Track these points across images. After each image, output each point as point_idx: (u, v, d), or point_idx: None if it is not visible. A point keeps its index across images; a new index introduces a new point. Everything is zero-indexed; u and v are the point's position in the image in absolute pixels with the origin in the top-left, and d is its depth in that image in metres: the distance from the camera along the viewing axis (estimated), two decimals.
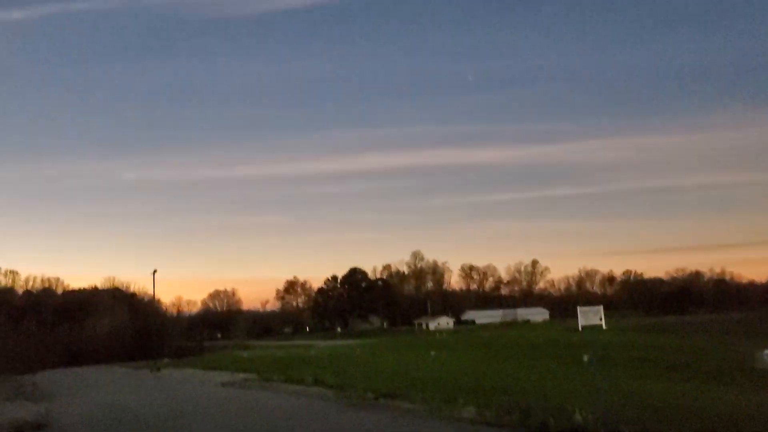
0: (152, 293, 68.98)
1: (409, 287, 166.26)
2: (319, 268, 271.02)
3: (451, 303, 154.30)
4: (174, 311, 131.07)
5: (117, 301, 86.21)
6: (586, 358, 23.98)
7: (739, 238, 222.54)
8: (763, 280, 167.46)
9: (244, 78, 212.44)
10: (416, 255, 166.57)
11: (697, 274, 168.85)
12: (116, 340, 66.46)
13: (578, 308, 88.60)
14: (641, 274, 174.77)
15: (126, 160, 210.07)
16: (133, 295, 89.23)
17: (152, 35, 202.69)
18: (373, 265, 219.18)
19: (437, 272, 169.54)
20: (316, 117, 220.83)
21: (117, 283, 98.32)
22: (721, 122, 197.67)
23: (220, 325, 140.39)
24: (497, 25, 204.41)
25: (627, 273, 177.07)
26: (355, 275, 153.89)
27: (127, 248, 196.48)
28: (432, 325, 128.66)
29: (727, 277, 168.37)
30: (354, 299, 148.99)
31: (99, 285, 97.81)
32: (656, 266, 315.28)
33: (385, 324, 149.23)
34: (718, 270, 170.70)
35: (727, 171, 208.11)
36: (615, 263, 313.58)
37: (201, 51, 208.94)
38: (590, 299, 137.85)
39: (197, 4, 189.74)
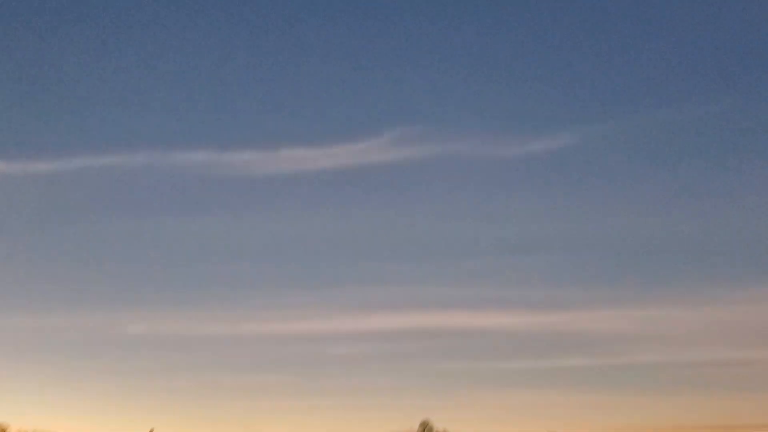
0: None
1: None
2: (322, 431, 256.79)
3: None
4: None
5: None
6: None
7: (756, 417, 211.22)
8: None
9: (255, 234, 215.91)
10: (425, 424, 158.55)
11: None
12: None
13: None
14: None
15: (132, 314, 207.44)
16: None
17: (160, 191, 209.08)
18: (378, 430, 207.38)
19: None
20: (320, 274, 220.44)
21: None
22: (743, 297, 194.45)
23: None
24: (507, 189, 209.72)
25: None
26: None
27: (125, 405, 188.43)
28: None
29: None
30: None
31: None
32: None
33: None
34: None
35: (745, 348, 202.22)
36: None
37: (207, 207, 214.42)
38: None
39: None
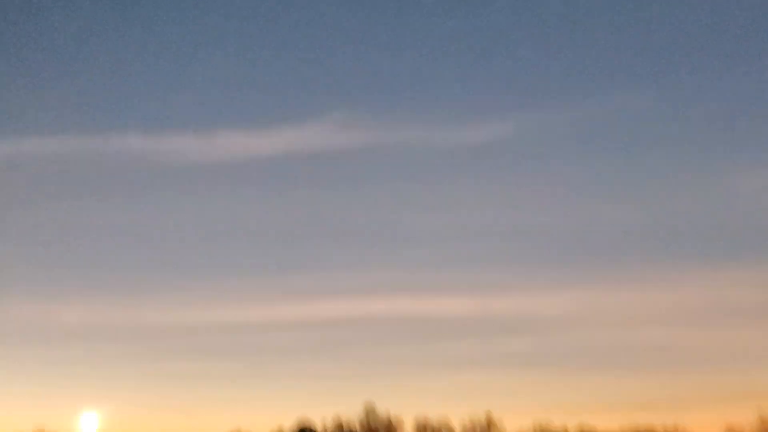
0: None
1: None
2: (264, 418, 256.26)
3: None
4: None
5: None
6: None
7: (692, 396, 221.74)
8: None
9: (193, 221, 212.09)
10: (368, 409, 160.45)
11: (651, 430, 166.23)
12: None
13: None
14: (596, 430, 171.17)
15: (67, 302, 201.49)
16: None
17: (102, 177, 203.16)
18: (322, 414, 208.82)
19: (391, 428, 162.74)
20: (268, 261, 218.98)
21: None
22: (678, 278, 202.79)
23: None
24: (452, 177, 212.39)
25: (581, 428, 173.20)
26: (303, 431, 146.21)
27: (63, 395, 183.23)
28: None
29: None
30: None
31: None
32: (610, 420, 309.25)
33: None
34: (670, 426, 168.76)
35: (684, 328, 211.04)
36: (569, 417, 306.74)
37: (143, 194, 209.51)
38: None
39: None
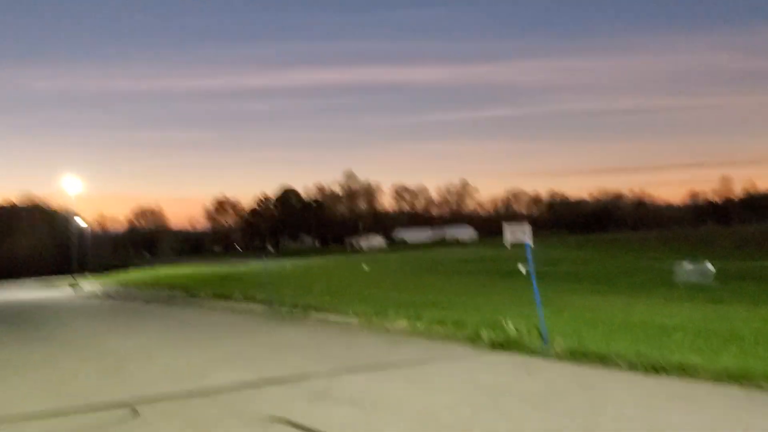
0: (73, 210, 65.83)
1: (341, 207, 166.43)
2: (247, 186, 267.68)
3: (383, 223, 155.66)
4: (98, 228, 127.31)
5: (37, 218, 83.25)
6: (522, 268, 24.35)
7: (658, 161, 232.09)
8: (679, 201, 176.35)
9: None
10: (349, 175, 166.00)
11: (619, 195, 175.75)
12: (37, 258, 65.94)
13: (503, 224, 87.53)
14: (566, 195, 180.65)
15: (37, 68, 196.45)
16: (54, 212, 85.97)
17: None
18: (303, 183, 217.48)
19: (369, 192, 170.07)
20: (241, 28, 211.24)
21: (35, 200, 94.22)
22: (646, 47, 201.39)
23: (147, 244, 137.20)
24: None
25: (552, 194, 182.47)
26: (289, 196, 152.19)
27: (44, 162, 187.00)
28: (363, 245, 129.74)
29: (646, 199, 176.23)
30: (287, 219, 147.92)
31: (17, 202, 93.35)
32: (580, 187, 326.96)
33: (317, 243, 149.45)
34: (638, 191, 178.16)
35: (650, 95, 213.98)
36: (541, 184, 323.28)
37: None
38: (517, 220, 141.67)
39: None
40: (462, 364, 8.83)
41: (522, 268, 24.22)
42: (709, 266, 21.23)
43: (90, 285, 42.13)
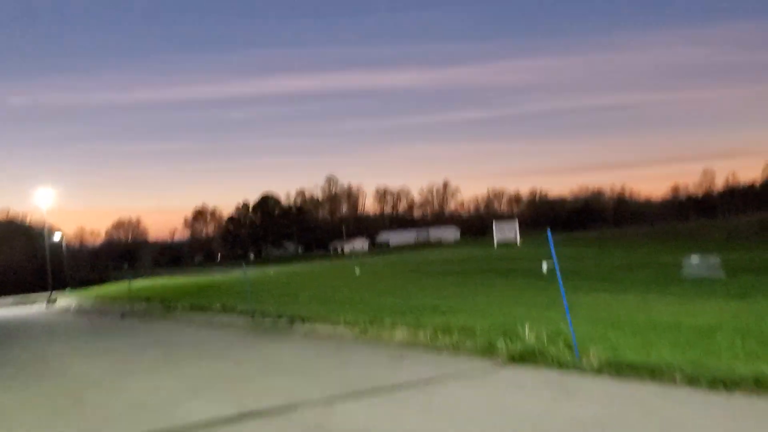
0: (49, 224, 63.60)
1: (323, 212, 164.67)
2: (228, 195, 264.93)
3: (366, 226, 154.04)
4: (76, 242, 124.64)
5: (13, 233, 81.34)
6: (544, 266, 23.08)
7: (637, 157, 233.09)
8: (659, 197, 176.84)
9: None
10: (330, 179, 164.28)
11: (600, 192, 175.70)
12: (13, 274, 64.12)
13: (494, 222, 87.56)
14: (546, 193, 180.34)
15: (12, 83, 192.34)
16: (30, 228, 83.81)
17: None
18: (286, 190, 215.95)
19: (352, 196, 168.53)
20: (218, 36, 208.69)
21: (12, 215, 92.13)
22: (623, 43, 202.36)
23: (126, 256, 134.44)
24: None
25: (533, 192, 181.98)
26: (267, 202, 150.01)
27: (21, 178, 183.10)
28: (347, 249, 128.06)
29: (626, 195, 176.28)
30: (267, 226, 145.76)
31: None
32: (560, 185, 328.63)
33: (300, 250, 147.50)
34: (618, 188, 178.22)
35: (627, 91, 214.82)
36: (522, 183, 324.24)
37: None
38: (499, 218, 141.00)
39: None
40: (481, 384, 7.46)
41: (544, 266, 23.09)
42: (716, 259, 20.11)
43: (65, 300, 40.26)
